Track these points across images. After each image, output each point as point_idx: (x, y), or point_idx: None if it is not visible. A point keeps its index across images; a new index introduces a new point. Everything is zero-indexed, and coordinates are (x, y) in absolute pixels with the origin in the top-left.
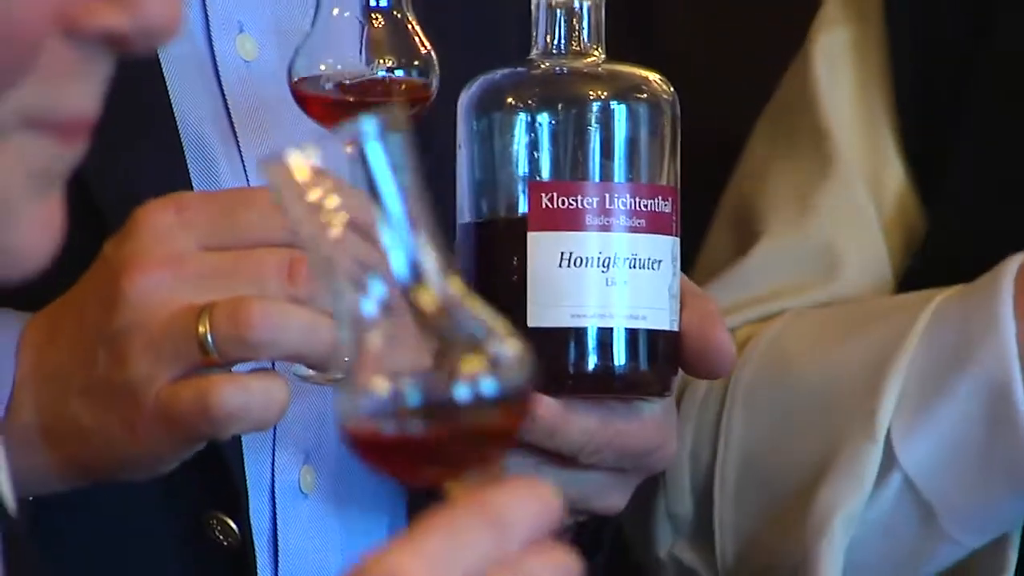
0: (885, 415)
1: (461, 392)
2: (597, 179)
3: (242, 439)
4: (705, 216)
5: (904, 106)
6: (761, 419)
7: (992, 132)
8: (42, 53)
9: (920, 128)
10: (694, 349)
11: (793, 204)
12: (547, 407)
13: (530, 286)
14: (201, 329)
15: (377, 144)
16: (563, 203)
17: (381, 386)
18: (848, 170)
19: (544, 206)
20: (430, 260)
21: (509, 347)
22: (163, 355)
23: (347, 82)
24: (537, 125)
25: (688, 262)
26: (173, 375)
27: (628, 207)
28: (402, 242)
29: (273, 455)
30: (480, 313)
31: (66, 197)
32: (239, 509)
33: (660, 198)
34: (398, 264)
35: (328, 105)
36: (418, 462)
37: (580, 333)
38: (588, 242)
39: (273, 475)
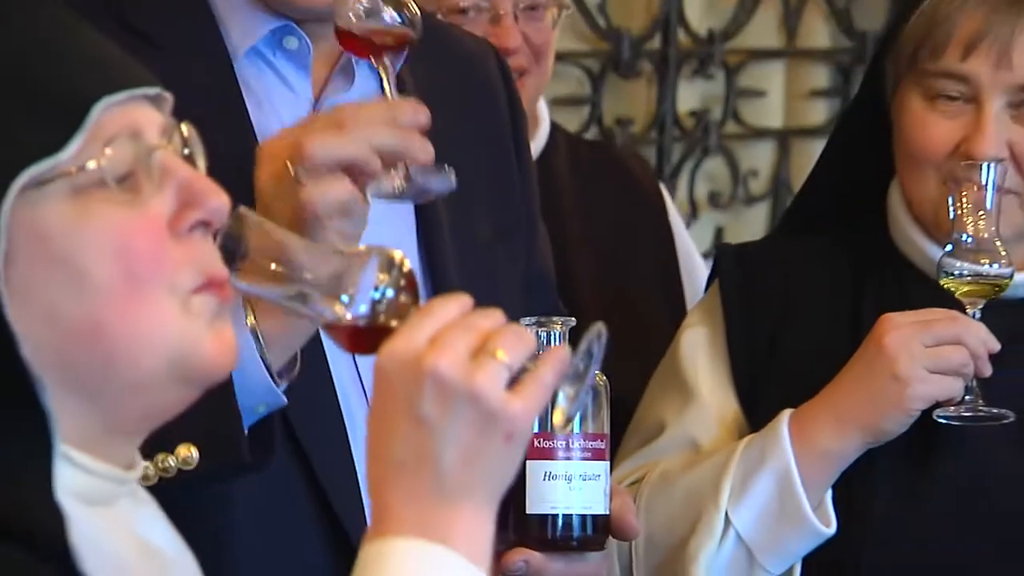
0: (724, 498)
1: (376, 294)
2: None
3: None
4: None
5: (737, 373)
6: (655, 516)
7: (782, 390)
8: (169, 253)
9: (746, 384)
10: (616, 524)
11: (673, 420)
12: (536, 559)
13: (528, 491)
14: None
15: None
16: (546, 444)
17: (343, 305)
18: (702, 405)
19: (535, 445)
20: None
21: (382, 255)
22: None
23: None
24: None
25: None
26: None
27: (581, 447)
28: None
29: None
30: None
31: None
32: None
33: (600, 440)
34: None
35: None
36: (371, 336)
37: (555, 517)
38: (558, 467)
39: None
